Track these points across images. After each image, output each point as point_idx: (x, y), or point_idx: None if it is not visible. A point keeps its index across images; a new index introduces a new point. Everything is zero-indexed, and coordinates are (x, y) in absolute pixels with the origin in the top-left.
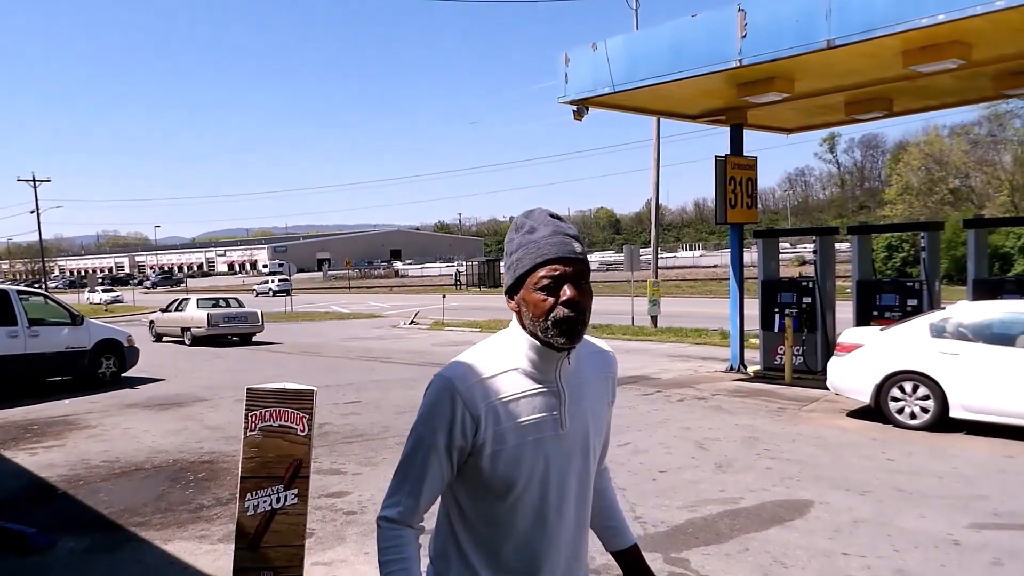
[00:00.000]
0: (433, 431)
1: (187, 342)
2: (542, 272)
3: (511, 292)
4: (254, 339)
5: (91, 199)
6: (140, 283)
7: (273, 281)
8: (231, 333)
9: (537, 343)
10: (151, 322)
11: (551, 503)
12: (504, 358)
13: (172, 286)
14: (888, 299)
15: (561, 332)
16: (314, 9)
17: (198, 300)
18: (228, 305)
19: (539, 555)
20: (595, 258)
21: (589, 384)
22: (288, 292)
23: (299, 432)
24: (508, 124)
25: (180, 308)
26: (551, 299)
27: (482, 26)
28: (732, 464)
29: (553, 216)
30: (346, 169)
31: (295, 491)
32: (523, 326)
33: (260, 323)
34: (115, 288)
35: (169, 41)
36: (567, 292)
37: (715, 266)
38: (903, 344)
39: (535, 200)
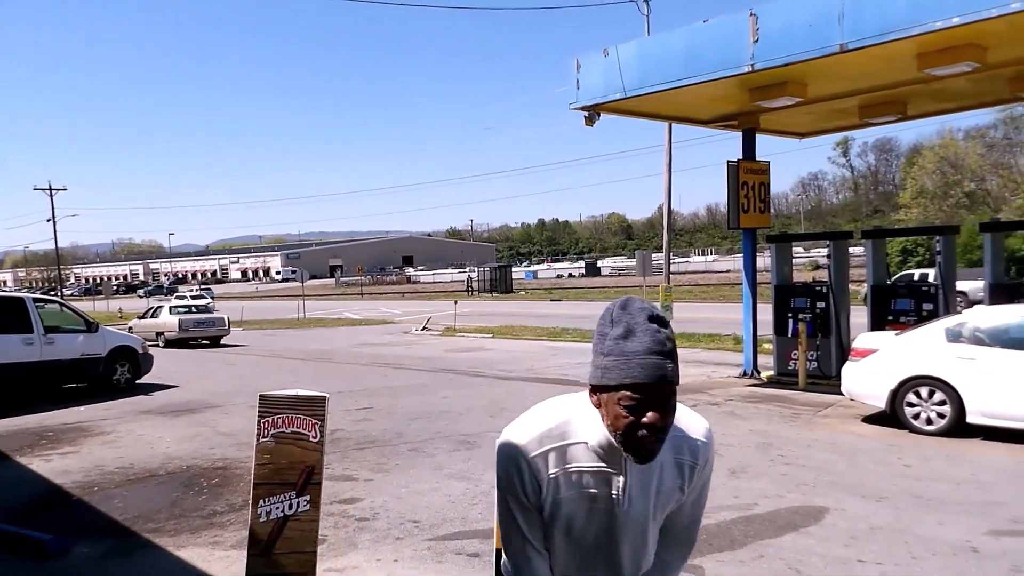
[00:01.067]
0: (508, 487)
1: (161, 344)
2: (629, 393)
3: (596, 390)
4: (222, 342)
5: (107, 207)
6: (171, 290)
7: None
8: (200, 336)
9: (613, 442)
10: (129, 328)
11: (600, 561)
12: (576, 428)
13: (166, 294)
14: (903, 304)
15: (636, 451)
16: (328, 17)
17: (170, 307)
18: (198, 312)
19: None
20: (607, 263)
21: (660, 470)
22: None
23: (311, 438)
24: (521, 130)
25: (155, 315)
26: (632, 418)
27: (495, 32)
28: (746, 470)
29: (654, 319)
30: (359, 176)
31: (307, 497)
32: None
33: (227, 327)
34: (203, 293)
35: (184, 50)
36: (650, 416)
37: (728, 271)
38: (919, 349)
39: (545, 206)
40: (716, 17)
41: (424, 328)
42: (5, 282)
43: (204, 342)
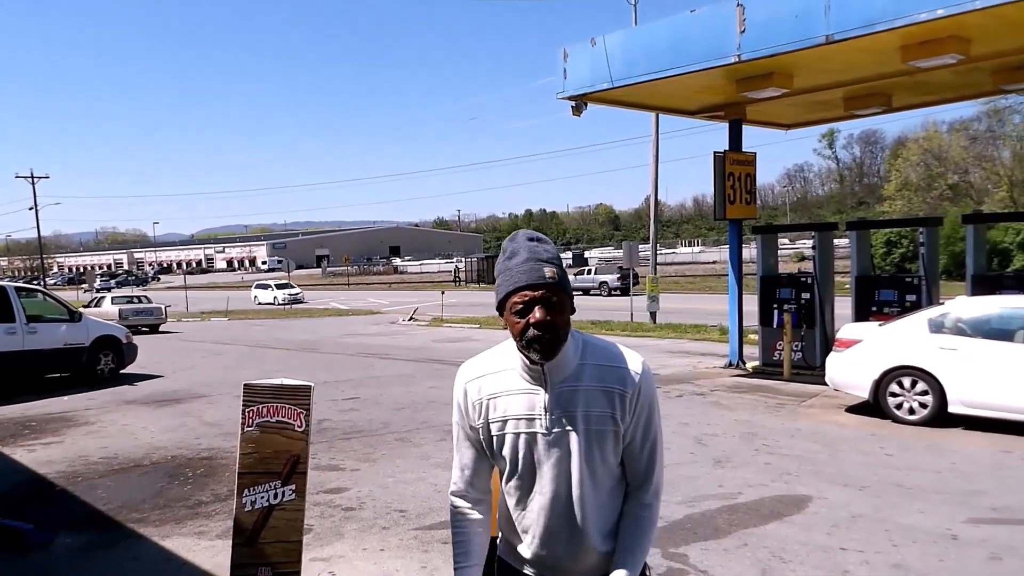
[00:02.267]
0: (456, 413)
1: None
2: (515, 298)
3: (499, 311)
4: (160, 328)
5: (90, 195)
6: (142, 281)
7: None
8: (140, 324)
9: (522, 355)
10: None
11: (542, 492)
12: (507, 358)
13: (137, 285)
14: (887, 295)
15: (534, 350)
16: (314, 7)
17: (112, 298)
18: (139, 302)
19: (536, 535)
20: (594, 254)
21: (583, 393)
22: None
23: (296, 428)
24: (507, 120)
25: (98, 304)
26: (523, 321)
27: (482, 22)
28: (731, 459)
29: (532, 239)
30: (345, 166)
31: (293, 487)
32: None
33: (164, 316)
34: (290, 286)
35: (168, 37)
36: (536, 315)
37: (714, 262)
38: (902, 339)
39: (532, 197)
40: (703, 7)
41: (411, 318)
42: None
43: (144, 329)
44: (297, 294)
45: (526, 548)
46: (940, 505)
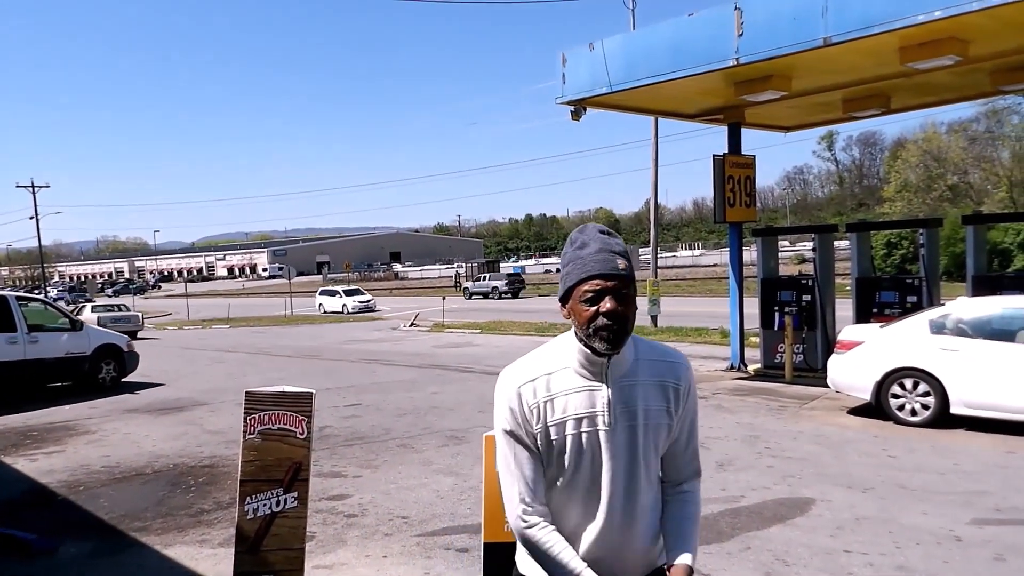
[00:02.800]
0: (508, 422)
1: None
2: (586, 286)
3: (564, 301)
4: (138, 335)
5: (90, 204)
6: (141, 289)
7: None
8: (117, 331)
9: (583, 347)
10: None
11: (599, 492)
12: (559, 358)
13: (137, 293)
14: (888, 296)
15: (602, 339)
16: (311, 13)
17: (92, 307)
18: (117, 310)
19: (591, 539)
20: None
21: (641, 388)
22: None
23: (298, 435)
24: (507, 125)
25: (79, 313)
26: (592, 309)
27: (480, 28)
28: (733, 463)
29: (603, 232)
30: (345, 172)
31: (295, 494)
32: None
33: (141, 324)
34: (360, 291)
35: (168, 46)
36: (607, 304)
37: (714, 265)
38: (903, 341)
39: (532, 201)
40: (701, 11)
41: (412, 324)
42: None
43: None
44: (368, 301)
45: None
46: (944, 506)
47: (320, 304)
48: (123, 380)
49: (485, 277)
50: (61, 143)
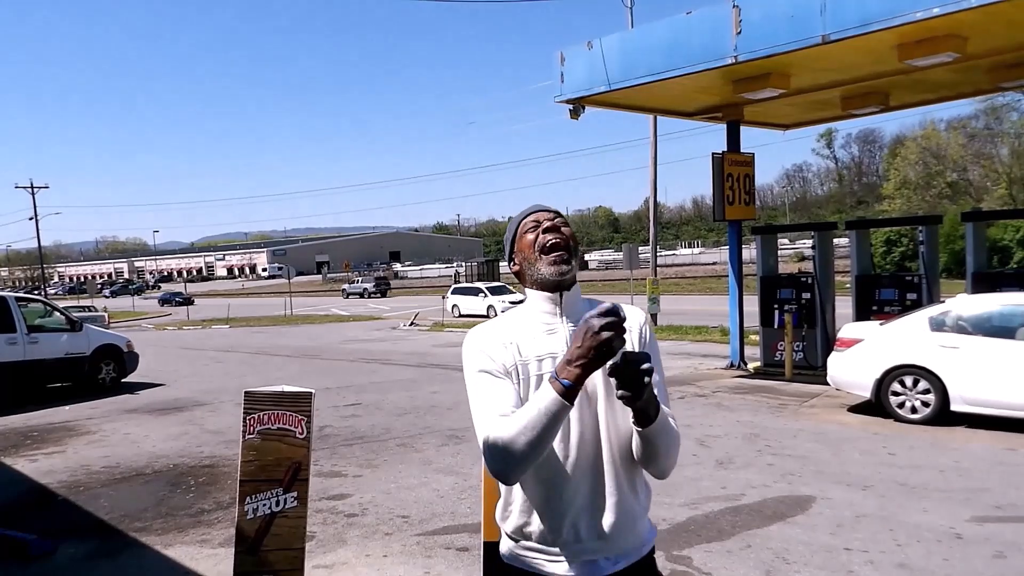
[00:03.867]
0: (479, 361)
1: None
2: (528, 220)
3: (511, 259)
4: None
5: (90, 205)
6: (139, 289)
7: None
8: None
9: (537, 290)
10: None
11: (569, 434)
12: (520, 314)
13: (135, 294)
14: (887, 293)
15: (550, 259)
16: (309, 12)
17: (62, 307)
18: (86, 311)
19: (558, 484)
20: (593, 257)
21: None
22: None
23: (298, 435)
24: (505, 124)
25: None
26: (535, 233)
27: (478, 27)
28: (733, 461)
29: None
30: (344, 172)
31: (295, 494)
32: (525, 283)
33: (107, 324)
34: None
35: (166, 45)
36: (545, 224)
37: (714, 263)
38: (903, 338)
39: (533, 199)
40: (699, 9)
41: (412, 324)
42: None
43: None
44: (520, 301)
45: (566, 523)
46: (944, 503)
47: (455, 306)
48: (123, 380)
49: (358, 280)
50: (60, 144)
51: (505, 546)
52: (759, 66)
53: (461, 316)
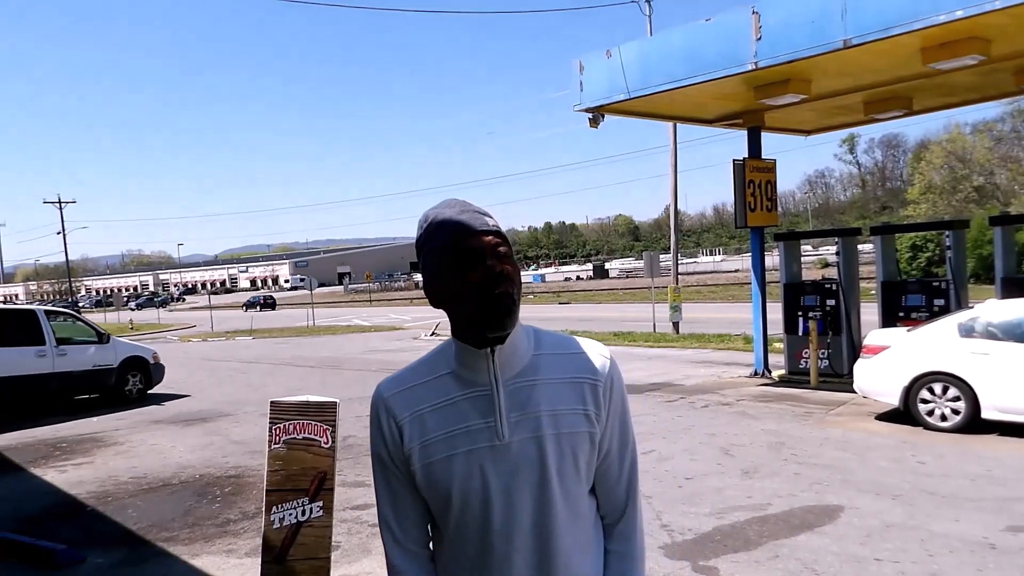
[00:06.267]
0: (375, 444)
1: None
2: (459, 248)
3: (429, 288)
4: None
5: (116, 219)
6: (164, 302)
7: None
8: None
9: (461, 340)
10: None
11: (495, 527)
12: (438, 363)
13: (161, 306)
14: (914, 300)
15: (495, 317)
16: (333, 27)
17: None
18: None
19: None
20: (614, 265)
21: (547, 389)
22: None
23: (323, 444)
24: (524, 133)
25: None
26: (466, 275)
27: (496, 36)
28: (759, 470)
29: (455, 201)
30: (365, 183)
31: (320, 503)
32: (450, 320)
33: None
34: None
35: (190, 62)
36: (489, 260)
37: (736, 270)
38: (931, 345)
39: (551, 209)
40: (718, 15)
41: (433, 333)
42: (17, 295)
43: None
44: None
45: None
46: (976, 513)
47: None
48: (149, 392)
49: (257, 296)
50: (88, 159)
51: None
52: (779, 72)
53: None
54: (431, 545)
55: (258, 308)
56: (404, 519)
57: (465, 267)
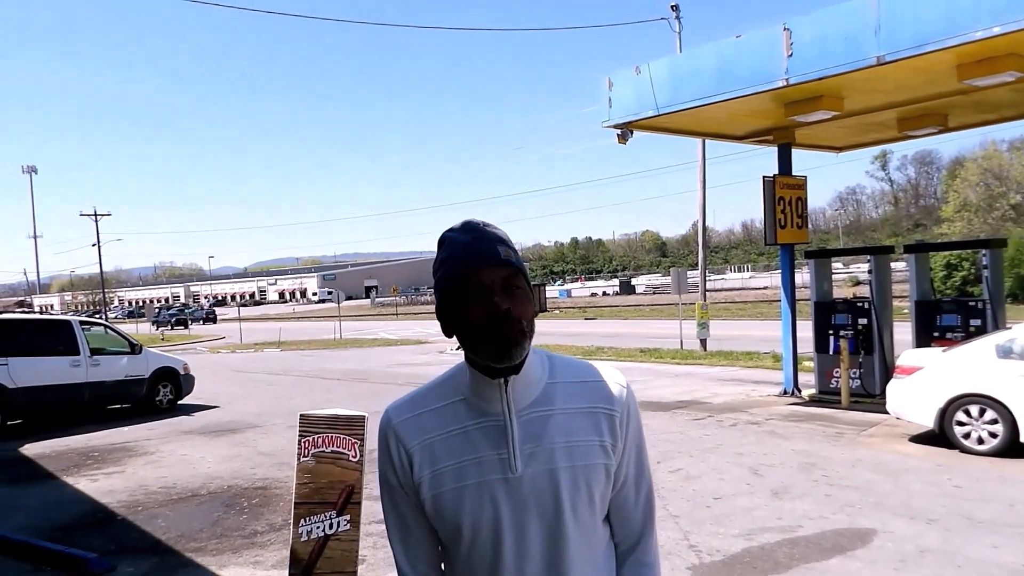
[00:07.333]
0: (383, 469)
1: None
2: (469, 282)
3: (442, 314)
4: None
5: (149, 232)
6: (184, 322)
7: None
8: None
9: (474, 368)
10: None
11: (506, 561)
12: (449, 388)
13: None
14: (949, 319)
15: (493, 345)
16: (362, 42)
17: None
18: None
19: None
20: (641, 281)
21: (561, 419)
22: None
23: (351, 458)
24: (552, 148)
25: None
26: (477, 309)
27: (526, 52)
28: (789, 491)
29: (474, 222)
30: (392, 197)
31: (347, 517)
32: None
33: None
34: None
35: (221, 76)
36: (495, 299)
37: (765, 288)
38: (968, 366)
39: (578, 225)
40: (748, 32)
41: (458, 348)
42: (52, 306)
43: None
44: None
45: None
46: (1015, 539)
47: None
48: (179, 402)
49: (172, 311)
50: (122, 172)
51: None
52: (811, 89)
53: None
54: (442, 566)
55: (170, 327)
56: (414, 543)
57: (471, 302)
